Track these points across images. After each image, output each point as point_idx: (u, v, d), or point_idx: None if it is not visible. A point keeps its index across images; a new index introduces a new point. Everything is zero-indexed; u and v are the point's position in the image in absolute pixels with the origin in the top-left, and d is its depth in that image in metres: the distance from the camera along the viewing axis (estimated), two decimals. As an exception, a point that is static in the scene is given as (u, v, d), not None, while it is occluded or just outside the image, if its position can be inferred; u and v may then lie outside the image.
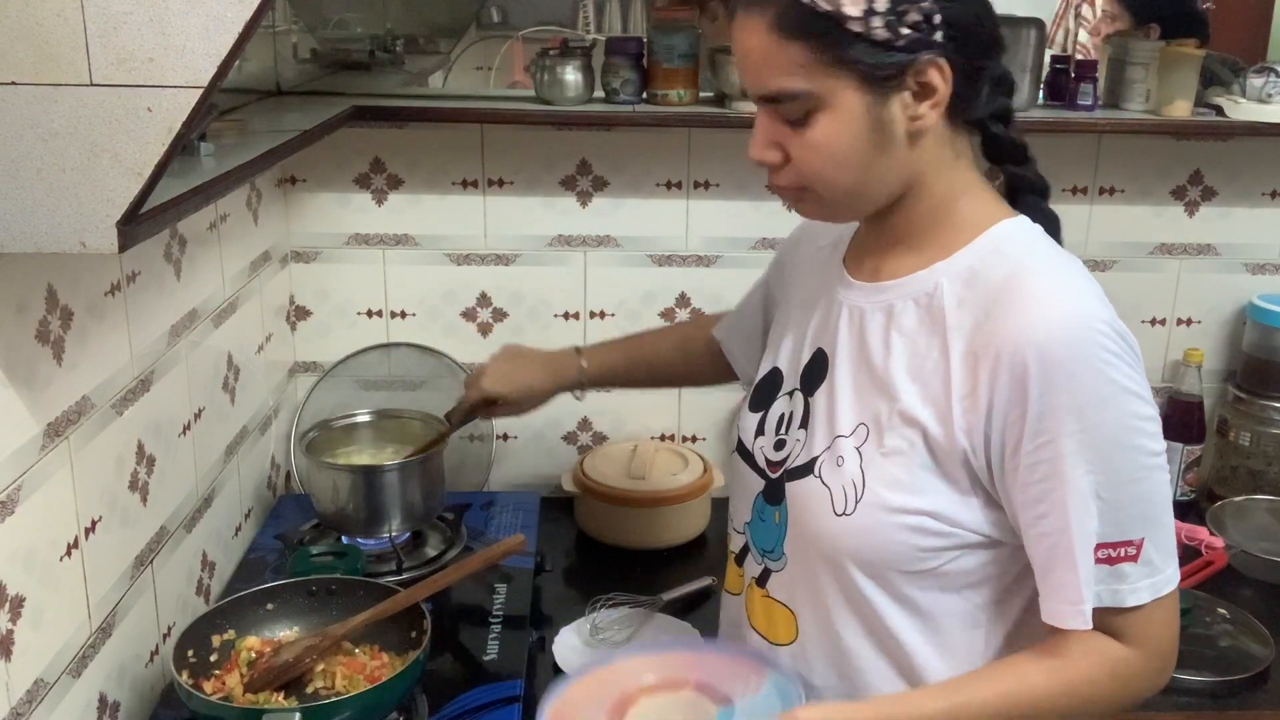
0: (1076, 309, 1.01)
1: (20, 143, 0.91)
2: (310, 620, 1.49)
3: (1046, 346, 0.99)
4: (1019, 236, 1.08)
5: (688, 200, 2.04)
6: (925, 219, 1.09)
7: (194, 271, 1.60)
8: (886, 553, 1.07)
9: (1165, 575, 1.04)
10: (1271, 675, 1.62)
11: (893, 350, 1.08)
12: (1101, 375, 0.99)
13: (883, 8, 0.97)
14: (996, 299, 1.03)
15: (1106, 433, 1.00)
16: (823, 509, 1.10)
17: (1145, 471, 1.02)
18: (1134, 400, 1.01)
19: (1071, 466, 1.00)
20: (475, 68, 2.72)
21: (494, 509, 1.96)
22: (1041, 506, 1.02)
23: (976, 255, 1.07)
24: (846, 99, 1.00)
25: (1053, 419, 0.99)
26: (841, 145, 1.02)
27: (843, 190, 1.06)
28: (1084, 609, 1.02)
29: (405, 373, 2.10)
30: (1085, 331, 0.99)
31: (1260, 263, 2.13)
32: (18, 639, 1.13)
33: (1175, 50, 1.93)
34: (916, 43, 0.98)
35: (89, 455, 1.28)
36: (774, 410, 1.21)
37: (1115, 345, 1.00)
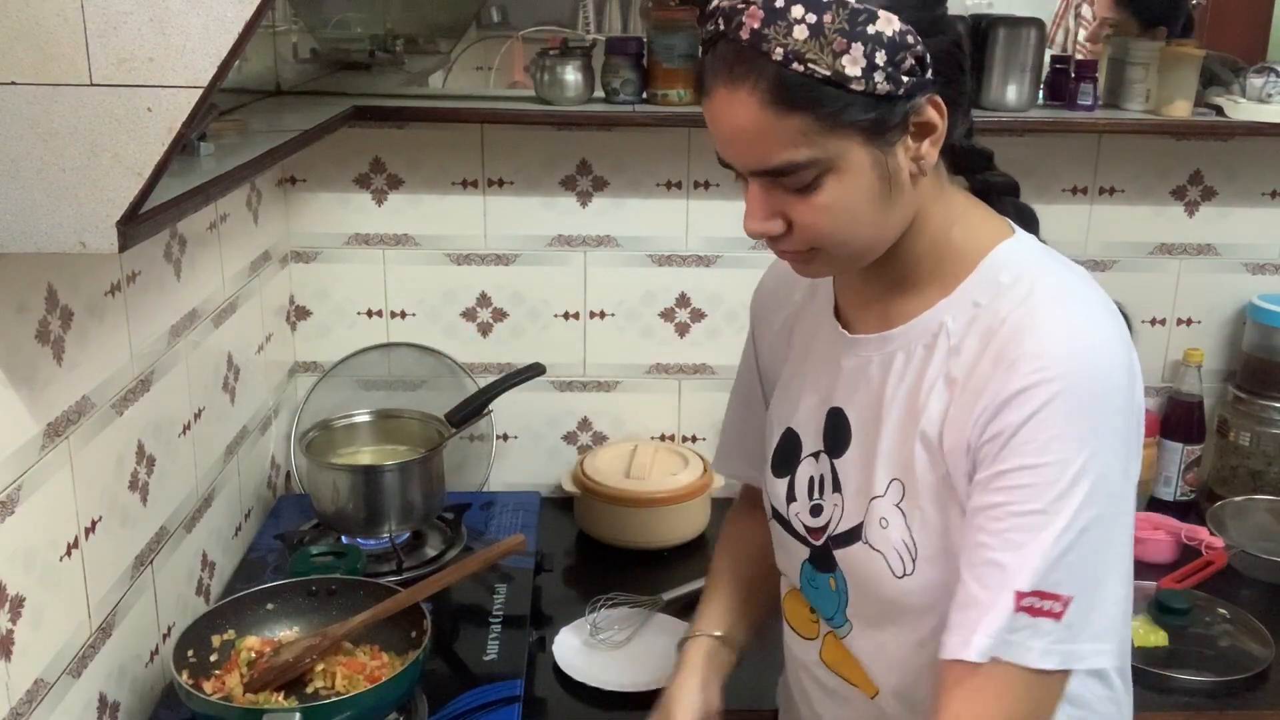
0: (1091, 342, 0.98)
1: (20, 143, 0.91)
2: (310, 620, 1.49)
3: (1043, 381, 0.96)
4: (1017, 260, 1.05)
5: (688, 200, 2.04)
6: (925, 255, 1.06)
7: (194, 271, 1.60)
8: None
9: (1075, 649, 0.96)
10: (1271, 675, 1.62)
11: (911, 397, 1.05)
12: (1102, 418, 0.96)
13: (882, 60, 0.93)
14: (998, 335, 1.00)
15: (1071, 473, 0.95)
16: (882, 575, 1.07)
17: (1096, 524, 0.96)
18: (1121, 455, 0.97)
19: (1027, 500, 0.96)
20: (475, 68, 2.72)
21: (494, 509, 1.96)
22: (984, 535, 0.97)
23: (977, 288, 1.04)
24: (855, 158, 0.97)
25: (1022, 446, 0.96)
26: (853, 204, 0.99)
27: (857, 246, 1.03)
28: (982, 642, 0.95)
29: (405, 373, 2.10)
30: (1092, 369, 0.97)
31: (1260, 263, 2.13)
32: (18, 639, 1.13)
33: (1175, 50, 1.93)
34: (915, 86, 0.96)
35: (89, 455, 1.28)
36: (801, 474, 1.17)
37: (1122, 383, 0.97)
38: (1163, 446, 2.09)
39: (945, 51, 0.98)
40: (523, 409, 2.11)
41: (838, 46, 0.92)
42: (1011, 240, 1.06)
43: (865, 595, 1.11)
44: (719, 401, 2.16)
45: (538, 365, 1.91)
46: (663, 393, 2.14)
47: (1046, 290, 1.01)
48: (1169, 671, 1.59)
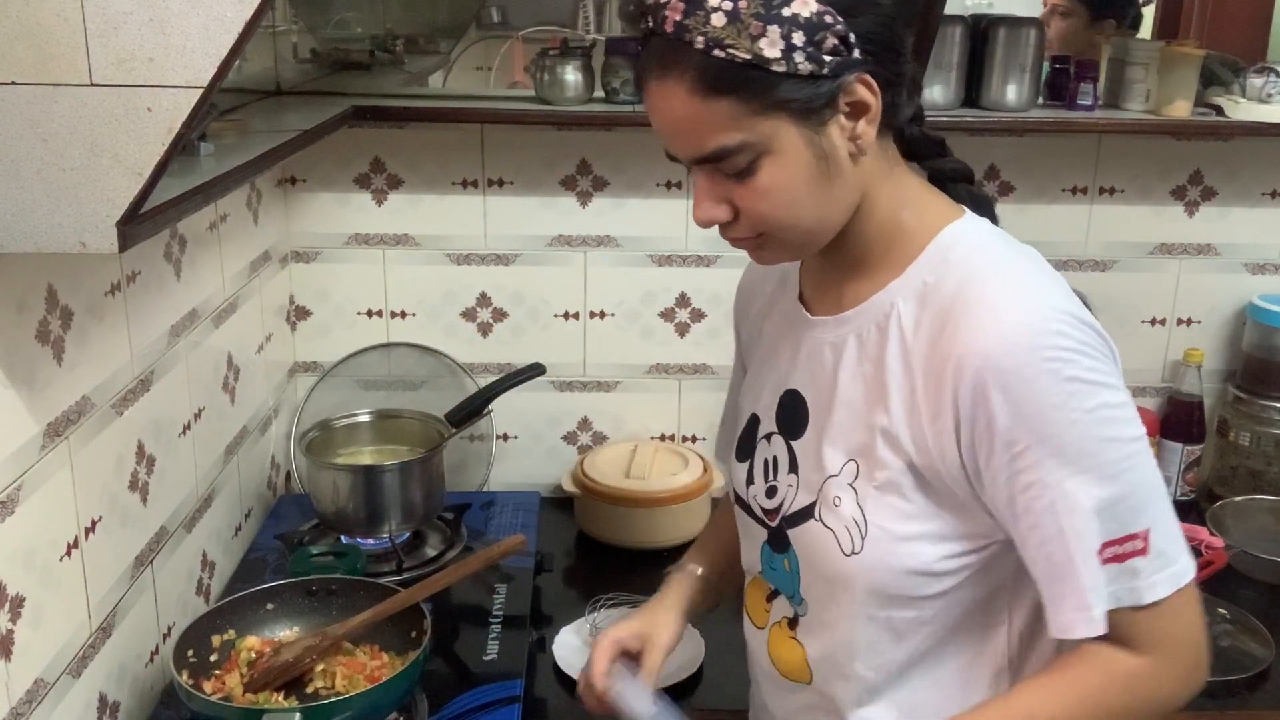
0: (1026, 311, 0.98)
1: (20, 143, 0.91)
2: (310, 620, 1.49)
3: (999, 357, 0.96)
4: (966, 240, 1.05)
5: (688, 200, 2.04)
6: (875, 237, 1.07)
7: (194, 271, 1.60)
8: (903, 582, 1.06)
9: (1181, 565, 1.00)
10: (1271, 675, 1.62)
11: (865, 381, 1.06)
12: (1060, 375, 0.96)
13: (800, 41, 0.95)
14: (948, 314, 1.00)
15: (1080, 431, 0.97)
16: (831, 551, 1.08)
17: (1130, 459, 0.99)
18: (1100, 391, 0.97)
19: (1051, 472, 0.97)
20: (475, 68, 2.72)
21: (494, 509, 1.96)
22: (1030, 518, 0.99)
23: (926, 268, 1.04)
24: (787, 139, 0.98)
25: (1022, 428, 0.97)
26: (792, 185, 1.00)
27: (803, 229, 1.04)
28: (1094, 614, 0.98)
29: (405, 373, 2.10)
30: (1037, 334, 0.97)
31: (1260, 263, 2.13)
32: (18, 639, 1.13)
33: (1175, 50, 1.93)
34: (840, 65, 0.96)
35: (89, 455, 1.28)
36: (758, 456, 1.19)
37: (1071, 341, 0.97)
38: (1163, 446, 2.09)
39: (873, 32, 0.98)
40: (523, 409, 2.11)
41: (754, 30, 0.94)
42: (961, 221, 1.07)
43: (815, 573, 1.12)
44: (719, 401, 2.16)
45: (538, 365, 1.91)
46: (663, 393, 2.14)
47: (993, 267, 1.03)
48: (1169, 671, 1.59)
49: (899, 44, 1.02)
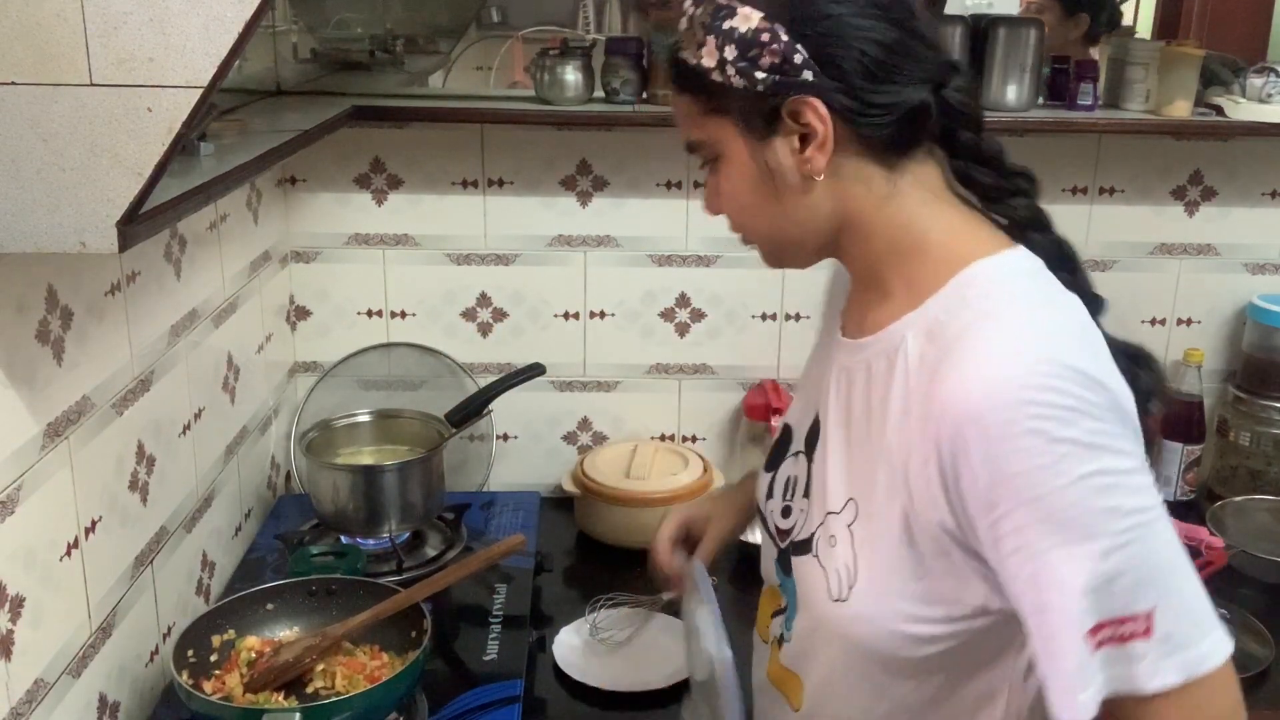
0: (1020, 362, 0.89)
1: (20, 143, 0.91)
2: (310, 620, 1.49)
3: (981, 409, 0.88)
4: (991, 278, 0.97)
5: (688, 200, 2.04)
6: (886, 261, 1.02)
7: (194, 271, 1.60)
8: (887, 641, 0.99)
9: (1198, 651, 0.90)
10: (1271, 675, 1.62)
11: (872, 416, 1.00)
12: (1050, 435, 0.86)
13: (732, 55, 0.95)
14: (945, 355, 0.93)
15: (1069, 498, 0.86)
16: (821, 593, 1.03)
17: (1133, 532, 0.88)
18: (1101, 455, 0.87)
19: (1037, 540, 0.87)
20: (475, 68, 2.72)
21: (494, 509, 1.96)
22: (1017, 585, 0.90)
23: (942, 305, 0.97)
24: (734, 147, 1.00)
25: (1003, 489, 0.88)
26: (738, 191, 1.02)
27: (762, 236, 1.06)
28: (1079, 699, 0.88)
29: (405, 373, 2.10)
30: (1024, 387, 0.87)
31: (1260, 263, 2.13)
32: (18, 639, 1.13)
33: (1175, 50, 1.93)
34: (779, 85, 0.95)
35: (89, 455, 1.28)
36: (782, 471, 1.15)
37: (1067, 398, 0.87)
38: (1163, 446, 2.09)
39: (834, 54, 0.95)
40: (523, 409, 2.11)
41: (699, 38, 0.98)
42: (996, 256, 0.98)
43: (805, 610, 1.07)
44: (719, 401, 2.17)
45: (538, 365, 1.91)
46: (663, 393, 2.14)
47: (1002, 311, 0.94)
48: (1169, 671, 1.59)
49: (873, 68, 0.96)
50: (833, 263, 1.15)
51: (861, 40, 0.95)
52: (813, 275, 2.21)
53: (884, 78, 0.96)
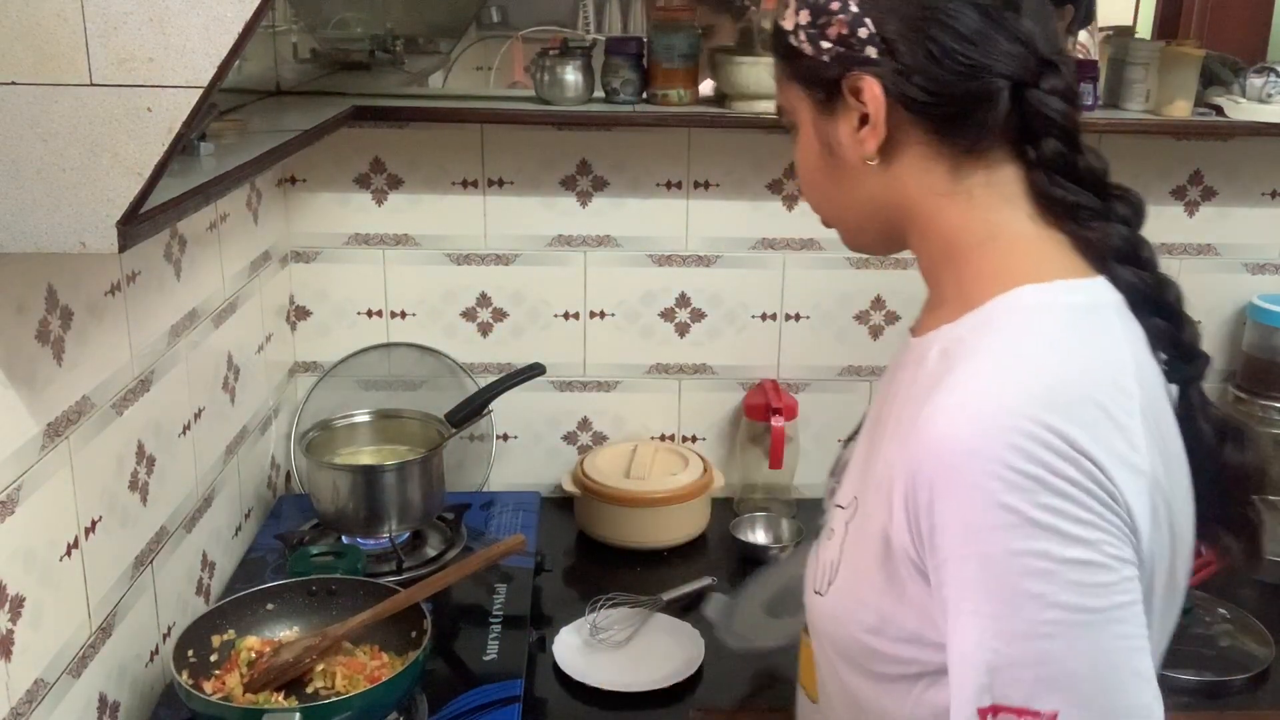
0: (990, 410, 0.81)
1: (20, 143, 0.91)
2: (310, 620, 1.49)
3: (941, 449, 0.82)
4: (1027, 306, 0.89)
5: (688, 200, 2.04)
6: (942, 262, 0.96)
7: (194, 271, 1.60)
8: (849, 646, 0.96)
9: None
10: (1271, 675, 1.62)
11: (889, 421, 0.96)
12: (993, 497, 0.79)
13: (805, 21, 0.93)
14: (939, 383, 0.87)
15: (995, 569, 0.80)
16: (810, 581, 1.02)
17: (1051, 627, 0.79)
18: (1041, 535, 0.78)
19: (957, 597, 0.82)
20: (475, 68, 2.72)
21: (494, 509, 1.96)
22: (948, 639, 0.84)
23: (970, 324, 0.90)
24: (804, 117, 0.98)
25: (943, 535, 0.82)
26: (806, 165, 1.00)
27: (828, 214, 1.03)
28: None
29: (405, 373, 2.10)
30: (985, 439, 0.80)
31: (1260, 263, 2.13)
32: (18, 639, 1.13)
33: (1175, 50, 1.93)
34: (841, 58, 0.91)
35: (89, 455, 1.28)
36: (846, 453, 1.11)
37: (1032, 463, 0.79)
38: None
39: (900, 34, 0.89)
40: (523, 409, 2.11)
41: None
42: (1049, 284, 0.89)
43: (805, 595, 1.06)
44: (719, 401, 2.17)
45: (538, 365, 1.91)
46: (663, 393, 2.14)
47: (1006, 343, 0.87)
48: (1168, 671, 1.59)
49: (944, 55, 0.89)
50: None
51: (935, 24, 0.89)
52: (812, 276, 2.21)
53: (952, 66, 0.89)
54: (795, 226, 2.04)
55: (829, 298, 2.08)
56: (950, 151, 0.93)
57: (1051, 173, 0.93)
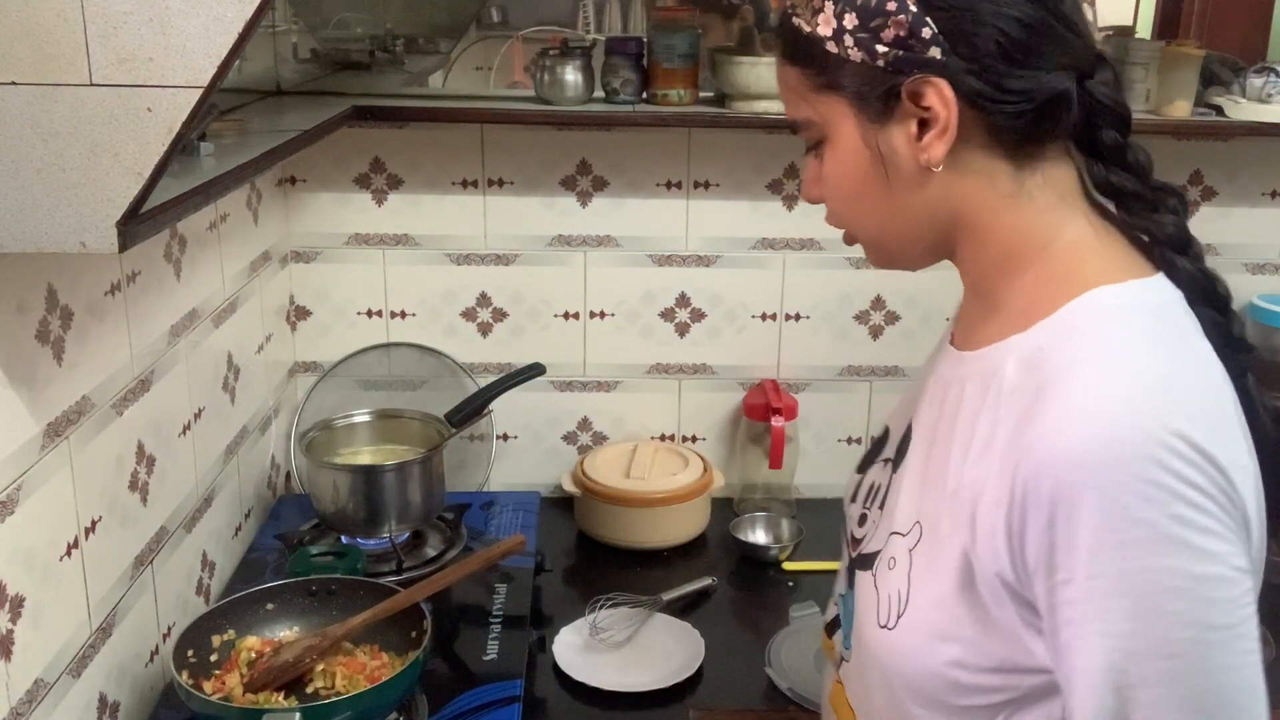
0: (1116, 421, 0.78)
1: (20, 143, 0.91)
2: (310, 620, 1.49)
3: (1062, 467, 0.79)
4: (1110, 309, 0.86)
5: (688, 200, 2.04)
6: (997, 273, 0.93)
7: (194, 271, 1.60)
8: (926, 680, 0.91)
9: None
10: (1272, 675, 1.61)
11: (955, 439, 0.91)
12: (1128, 512, 0.77)
13: (852, 25, 0.87)
14: (1042, 390, 0.83)
15: (1130, 586, 0.77)
16: (869, 615, 0.96)
17: (1187, 648, 0.78)
18: (1176, 551, 0.77)
19: (1084, 620, 0.79)
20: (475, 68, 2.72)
21: (494, 509, 1.96)
22: (1065, 660, 0.82)
23: (1049, 331, 0.87)
24: (845, 129, 0.91)
25: (1068, 554, 0.79)
26: (846, 180, 0.93)
27: (868, 231, 0.96)
28: None
29: (405, 373, 2.10)
30: (1134, 451, 0.77)
31: (1260, 263, 2.13)
32: (18, 639, 1.13)
33: (1175, 50, 1.93)
34: (902, 61, 0.86)
35: (89, 455, 1.28)
36: (869, 477, 1.08)
37: (1166, 474, 0.76)
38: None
39: (967, 30, 0.86)
40: (523, 409, 2.11)
41: (816, 3, 0.90)
42: (1122, 285, 0.87)
43: (858, 631, 1.00)
44: (719, 401, 2.17)
45: (538, 365, 1.91)
46: (663, 393, 2.14)
47: (1115, 350, 0.83)
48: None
49: (1013, 49, 0.86)
50: None
51: (1000, 17, 0.86)
52: (812, 276, 2.21)
53: (1022, 61, 0.86)
54: (795, 226, 2.04)
55: (829, 298, 2.08)
56: (1012, 151, 0.90)
57: (1112, 165, 0.91)
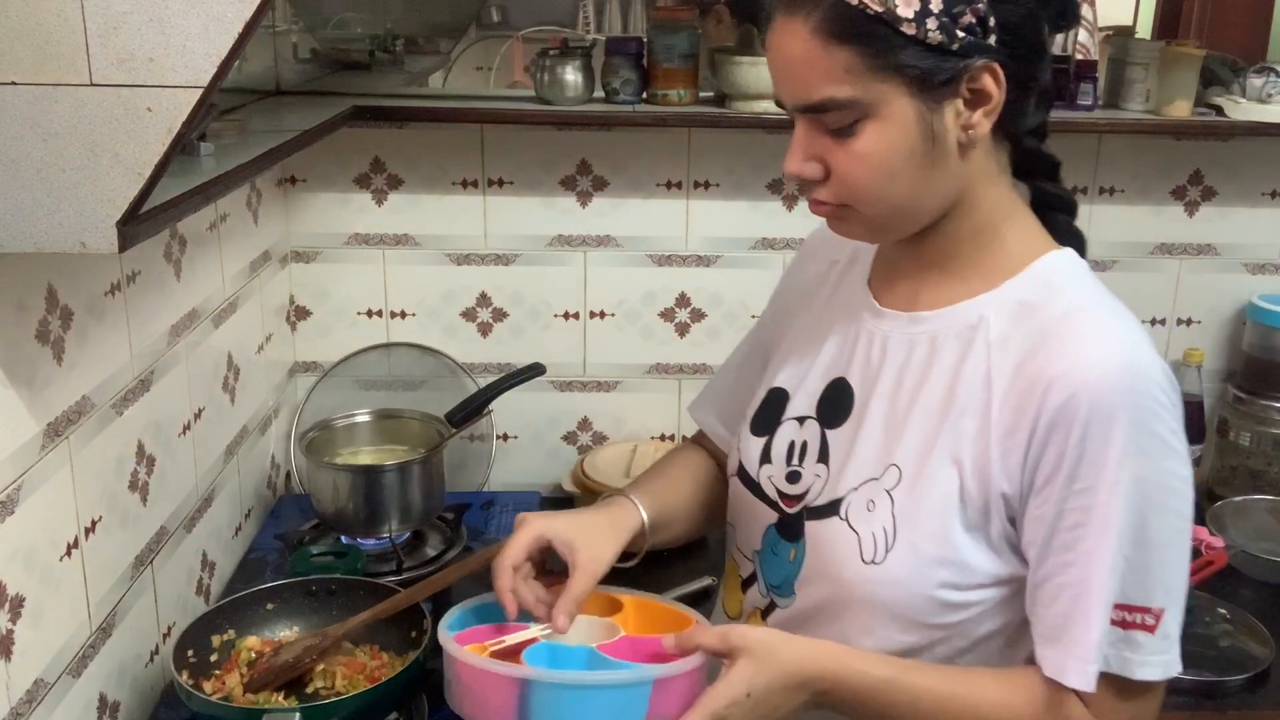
0: (1133, 355, 0.96)
1: (20, 143, 0.91)
2: (310, 620, 1.49)
3: (1098, 389, 0.94)
4: (1070, 271, 1.03)
5: (688, 200, 2.04)
6: (968, 241, 1.04)
7: (194, 271, 1.60)
8: (914, 604, 1.02)
9: (1172, 657, 0.99)
10: (1271, 675, 1.62)
11: (932, 388, 1.02)
12: (1148, 428, 0.95)
13: (937, 8, 0.92)
14: (1047, 334, 0.98)
15: (1145, 487, 0.95)
16: (849, 555, 1.04)
17: (1175, 536, 0.97)
18: (1174, 458, 0.96)
19: (1103, 518, 0.94)
20: (475, 68, 2.72)
21: (494, 509, 1.96)
22: (1068, 555, 0.96)
23: (1026, 288, 1.02)
24: (897, 107, 0.94)
25: (1092, 466, 0.94)
26: (892, 156, 0.96)
27: (890, 206, 1.00)
28: (1089, 670, 0.96)
29: (405, 373, 2.10)
30: (1140, 380, 0.95)
31: (1260, 263, 2.13)
32: (18, 639, 1.13)
33: (1175, 50, 1.93)
34: (971, 46, 0.93)
35: (89, 455, 1.28)
36: (780, 436, 1.14)
37: (1165, 397, 0.96)
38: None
39: (1017, 24, 0.95)
40: (523, 409, 2.11)
41: None
42: (1063, 252, 1.05)
43: (823, 573, 1.07)
44: (719, 401, 2.17)
45: (538, 365, 1.91)
46: (663, 393, 2.14)
47: (1099, 303, 1.01)
48: (1169, 671, 1.59)
49: (1041, 45, 0.98)
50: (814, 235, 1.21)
51: (1034, 14, 0.97)
52: (813, 275, 2.18)
53: (1041, 51, 0.99)
54: (795, 226, 2.04)
55: (829, 298, 2.08)
56: (1005, 133, 1.01)
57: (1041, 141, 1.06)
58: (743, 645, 0.99)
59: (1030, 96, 1.00)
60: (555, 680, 1.02)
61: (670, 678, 1.01)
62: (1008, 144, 1.03)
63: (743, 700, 0.98)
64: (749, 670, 0.98)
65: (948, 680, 1.01)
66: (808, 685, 0.99)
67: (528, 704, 1.00)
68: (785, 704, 1.00)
